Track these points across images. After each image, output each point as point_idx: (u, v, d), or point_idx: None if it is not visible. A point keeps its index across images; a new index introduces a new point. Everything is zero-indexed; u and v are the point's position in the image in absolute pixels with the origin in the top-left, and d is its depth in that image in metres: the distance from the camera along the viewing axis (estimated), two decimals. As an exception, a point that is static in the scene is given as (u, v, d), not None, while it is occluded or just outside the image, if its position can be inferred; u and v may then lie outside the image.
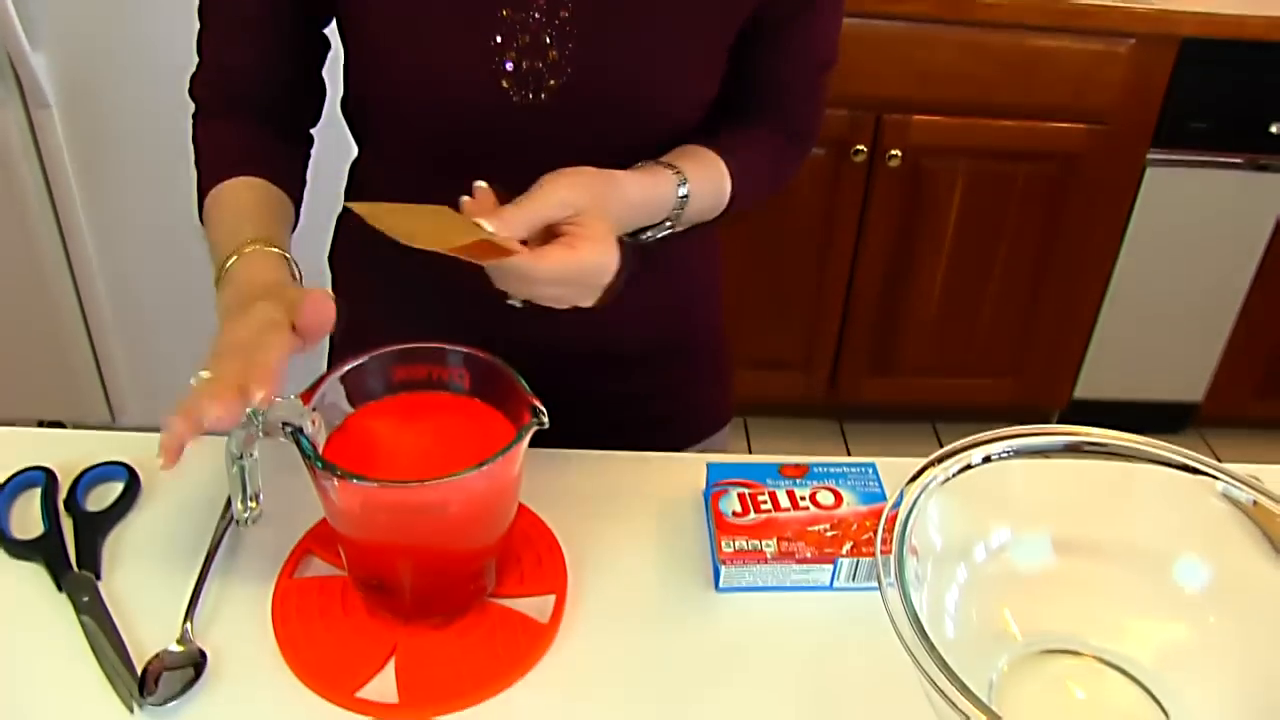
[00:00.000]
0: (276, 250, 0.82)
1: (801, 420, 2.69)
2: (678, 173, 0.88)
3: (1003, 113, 2.21)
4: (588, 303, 0.79)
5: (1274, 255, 2.41)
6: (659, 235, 0.90)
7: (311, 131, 1.00)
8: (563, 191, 0.77)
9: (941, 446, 0.71)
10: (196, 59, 0.94)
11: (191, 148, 0.93)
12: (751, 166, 0.96)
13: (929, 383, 2.58)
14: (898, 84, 2.16)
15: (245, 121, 0.93)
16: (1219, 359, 2.57)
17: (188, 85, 0.95)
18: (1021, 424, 0.74)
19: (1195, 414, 2.68)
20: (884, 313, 2.46)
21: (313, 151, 1.00)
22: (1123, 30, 2.12)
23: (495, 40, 0.84)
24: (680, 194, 0.87)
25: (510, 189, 0.84)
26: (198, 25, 0.92)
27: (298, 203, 0.95)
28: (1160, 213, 2.35)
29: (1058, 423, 2.59)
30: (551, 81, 0.85)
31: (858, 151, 2.20)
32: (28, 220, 2.08)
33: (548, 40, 0.84)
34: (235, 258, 0.80)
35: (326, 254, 1.09)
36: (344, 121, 0.98)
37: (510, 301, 0.78)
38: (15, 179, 2.03)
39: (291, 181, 0.94)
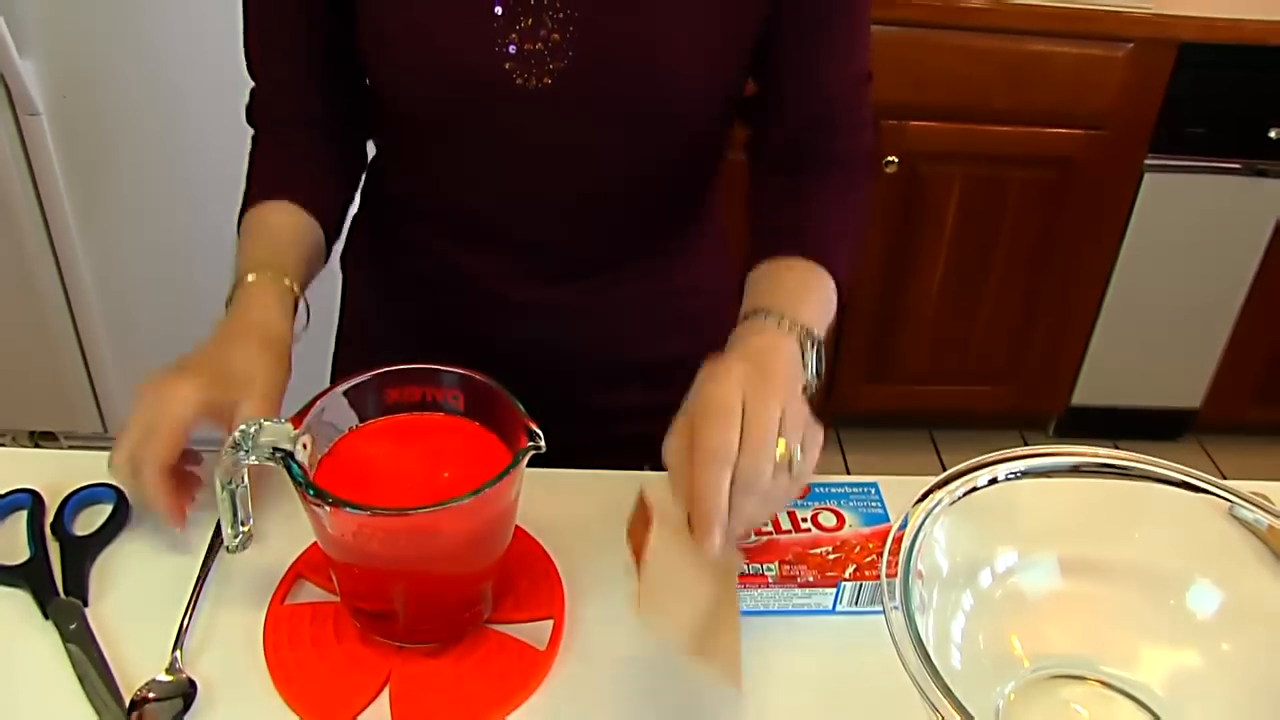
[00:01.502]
0: (285, 282, 0.86)
1: (798, 428, 2.67)
2: (764, 312, 0.82)
3: (1000, 118, 2.20)
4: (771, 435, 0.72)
5: (1272, 260, 2.40)
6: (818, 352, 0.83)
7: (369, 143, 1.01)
8: None
9: (939, 454, 0.70)
10: (251, 86, 0.96)
11: (246, 166, 0.97)
12: (833, 233, 0.90)
13: (926, 390, 2.56)
14: (894, 89, 2.14)
15: (299, 140, 0.95)
16: (1217, 365, 2.57)
17: (245, 115, 0.97)
18: (1019, 430, 0.73)
19: (1193, 421, 2.68)
20: (881, 320, 2.45)
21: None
22: (1120, 35, 2.12)
23: (496, 23, 0.83)
24: (780, 321, 0.81)
25: (521, 176, 0.81)
26: (244, 58, 0.95)
27: (333, 227, 0.97)
28: (1158, 218, 2.34)
29: (1055, 429, 2.60)
30: (552, 65, 0.84)
31: (854, 158, 2.19)
32: (17, 229, 2.07)
33: (549, 22, 0.83)
34: (239, 286, 0.86)
35: (339, 255, 1.09)
36: None
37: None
38: (4, 187, 2.02)
39: (329, 207, 0.96)
